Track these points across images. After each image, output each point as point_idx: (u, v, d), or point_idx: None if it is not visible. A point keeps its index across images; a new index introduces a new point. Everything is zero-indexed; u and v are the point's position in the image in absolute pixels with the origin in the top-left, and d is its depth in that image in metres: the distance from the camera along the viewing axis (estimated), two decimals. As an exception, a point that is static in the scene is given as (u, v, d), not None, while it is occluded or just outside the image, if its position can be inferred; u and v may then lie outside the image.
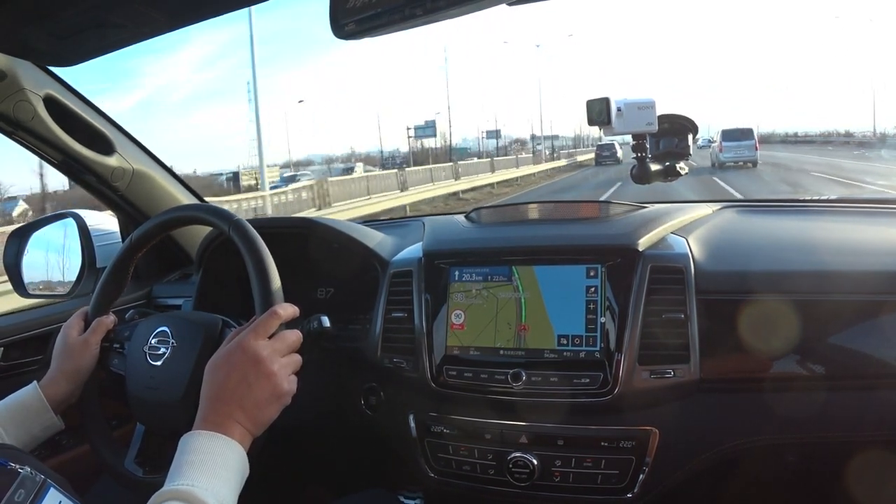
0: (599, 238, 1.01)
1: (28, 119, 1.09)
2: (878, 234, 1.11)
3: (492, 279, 1.01)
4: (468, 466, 1.01)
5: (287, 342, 0.72)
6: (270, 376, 0.68)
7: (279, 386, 0.69)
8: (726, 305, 0.93)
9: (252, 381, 0.67)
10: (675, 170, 1.13)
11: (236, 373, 0.68)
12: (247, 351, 0.69)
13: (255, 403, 0.67)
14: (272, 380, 0.69)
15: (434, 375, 1.00)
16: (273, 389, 0.69)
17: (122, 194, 1.32)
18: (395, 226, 1.40)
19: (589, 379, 0.92)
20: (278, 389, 0.69)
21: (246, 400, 0.67)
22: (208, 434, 0.64)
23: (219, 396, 0.67)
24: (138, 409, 0.84)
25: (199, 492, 0.59)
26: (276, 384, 0.69)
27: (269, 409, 0.69)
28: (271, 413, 0.69)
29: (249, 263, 0.78)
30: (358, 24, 0.66)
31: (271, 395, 0.69)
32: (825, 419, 0.92)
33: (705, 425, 0.93)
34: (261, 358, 0.68)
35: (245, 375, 0.68)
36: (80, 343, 0.87)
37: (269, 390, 0.68)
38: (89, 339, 0.87)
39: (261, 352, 0.69)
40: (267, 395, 0.68)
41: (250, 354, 0.69)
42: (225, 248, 1.19)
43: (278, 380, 0.69)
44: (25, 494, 0.63)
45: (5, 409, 0.80)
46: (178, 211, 0.92)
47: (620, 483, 0.94)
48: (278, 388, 0.69)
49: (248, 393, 0.67)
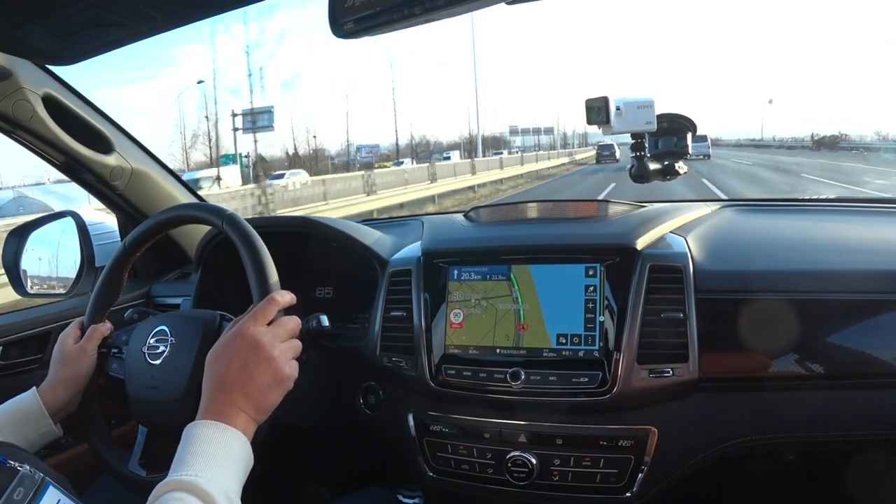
0: (598, 237, 1.01)
1: (27, 118, 1.09)
2: (877, 234, 1.11)
3: (491, 278, 1.01)
4: (467, 465, 1.01)
5: (286, 328, 0.72)
6: (271, 361, 0.68)
7: (280, 370, 0.69)
8: (725, 305, 0.93)
9: (253, 367, 0.67)
10: (673, 169, 1.13)
11: (237, 360, 0.68)
12: (246, 338, 0.69)
13: (257, 389, 0.67)
14: (273, 364, 0.68)
15: (433, 374, 1.00)
16: (274, 374, 0.68)
17: (120, 193, 1.32)
18: (393, 225, 1.40)
19: (588, 378, 0.92)
20: (280, 374, 0.69)
21: (248, 386, 0.67)
22: (212, 423, 0.64)
23: (221, 385, 0.67)
24: (139, 410, 0.84)
25: (203, 482, 0.58)
26: (277, 369, 0.69)
27: (271, 394, 0.69)
28: (274, 398, 0.69)
29: (245, 255, 0.78)
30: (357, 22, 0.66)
31: (273, 380, 0.68)
32: (824, 418, 0.92)
33: (704, 424, 0.93)
34: (261, 343, 0.68)
35: (246, 362, 0.67)
36: (76, 350, 0.86)
37: (270, 375, 0.68)
38: (86, 347, 0.87)
39: (260, 338, 0.69)
40: (269, 381, 0.68)
41: (250, 341, 0.68)
42: (224, 247, 1.19)
43: (279, 364, 0.69)
44: (24, 493, 0.63)
45: (3, 414, 0.80)
46: (171, 212, 0.91)
47: (619, 482, 0.94)
48: (279, 372, 0.69)
49: (250, 379, 0.67)
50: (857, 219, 1.20)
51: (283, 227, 1.25)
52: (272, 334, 0.70)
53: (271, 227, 1.23)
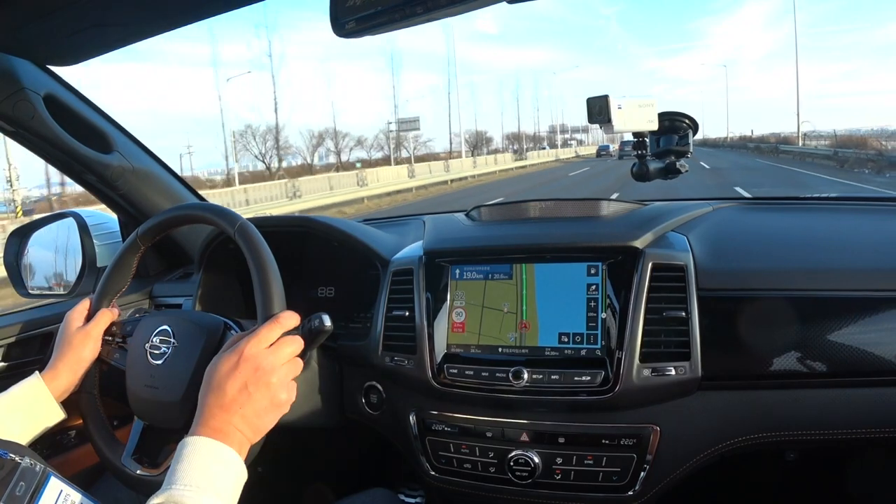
0: (600, 236, 1.01)
1: (28, 118, 1.09)
2: (879, 231, 1.11)
3: (493, 277, 1.01)
4: (469, 465, 1.01)
5: (287, 350, 0.72)
6: (270, 385, 0.69)
7: (278, 396, 0.70)
8: (727, 303, 0.93)
9: (252, 389, 0.68)
10: (675, 167, 1.13)
11: (237, 380, 0.68)
12: (248, 359, 0.69)
13: (254, 412, 0.68)
14: (272, 389, 0.69)
15: (435, 374, 1.00)
16: (272, 399, 0.69)
17: (122, 193, 1.31)
18: (395, 224, 1.40)
19: (590, 377, 0.92)
20: (277, 399, 0.70)
21: (246, 408, 0.68)
22: (209, 441, 0.65)
23: (219, 403, 0.68)
24: (137, 405, 0.85)
25: (196, 499, 0.59)
26: (275, 393, 0.70)
27: (267, 417, 0.70)
28: (269, 421, 0.70)
29: (253, 268, 0.78)
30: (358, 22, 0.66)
31: (270, 404, 0.69)
32: (826, 416, 0.92)
33: (706, 423, 0.93)
34: (261, 367, 0.69)
35: (246, 384, 0.68)
36: (82, 333, 0.87)
37: (268, 399, 0.69)
38: (91, 330, 0.88)
39: (261, 361, 0.70)
40: (266, 404, 0.69)
41: (251, 363, 0.69)
42: (226, 247, 1.19)
43: (278, 389, 0.70)
44: (26, 487, 0.63)
45: (8, 398, 0.81)
46: (186, 209, 0.91)
47: (621, 481, 0.94)
48: (277, 397, 0.70)
49: (249, 401, 0.68)
50: (858, 216, 1.20)
51: (285, 226, 1.24)
52: (273, 357, 0.70)
53: (274, 226, 1.23)
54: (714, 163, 25.32)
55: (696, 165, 20.68)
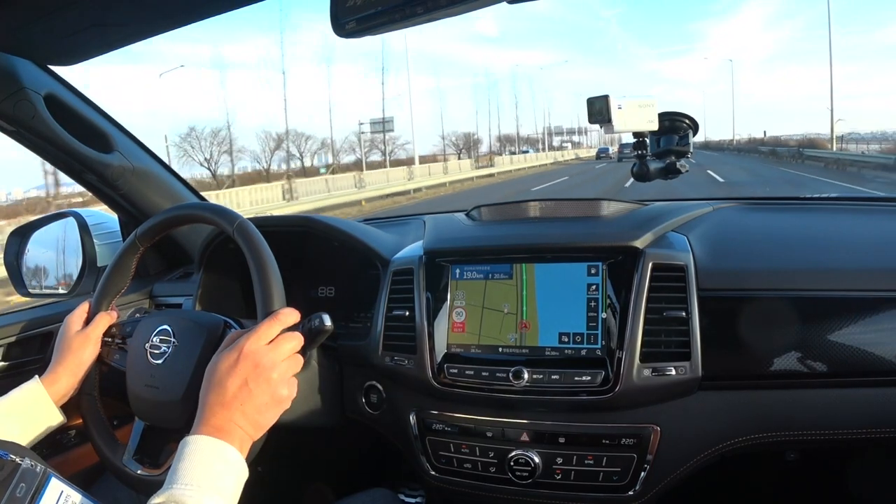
0: (600, 236, 1.01)
1: (29, 118, 1.09)
2: (879, 231, 1.11)
3: (493, 277, 1.01)
4: (469, 464, 1.01)
5: (287, 346, 0.72)
6: (270, 381, 0.69)
7: (278, 392, 0.70)
8: (728, 303, 0.93)
9: (252, 386, 0.68)
10: (675, 167, 1.13)
11: (237, 378, 0.68)
12: (247, 356, 0.69)
13: (255, 409, 0.68)
14: (272, 385, 0.69)
15: (435, 373, 1.00)
16: (273, 395, 0.69)
17: (122, 193, 1.31)
18: (395, 224, 1.40)
19: (590, 377, 0.92)
20: (277, 395, 0.70)
21: (247, 405, 0.68)
22: (210, 439, 0.65)
23: (220, 400, 0.68)
24: (138, 405, 0.85)
25: (199, 497, 0.59)
26: (275, 389, 0.70)
27: (268, 413, 0.70)
28: (270, 418, 0.70)
29: (252, 266, 0.78)
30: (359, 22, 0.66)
31: (271, 401, 0.69)
32: (826, 416, 0.92)
33: (707, 423, 0.93)
34: (261, 363, 0.69)
35: (246, 381, 0.68)
36: (81, 337, 0.87)
37: (269, 395, 0.69)
38: (90, 333, 0.88)
39: (261, 358, 0.70)
40: (267, 400, 0.69)
41: (251, 359, 0.69)
42: (226, 246, 1.19)
43: (278, 385, 0.70)
44: (27, 489, 0.63)
45: (8, 403, 0.81)
46: (185, 209, 0.92)
47: (622, 481, 0.94)
48: (277, 393, 0.70)
49: (249, 398, 0.68)
50: (858, 216, 1.20)
51: (285, 226, 1.25)
52: (273, 354, 0.70)
53: (274, 226, 1.23)
54: (728, 174, 18.43)
55: (704, 178, 16.58)
